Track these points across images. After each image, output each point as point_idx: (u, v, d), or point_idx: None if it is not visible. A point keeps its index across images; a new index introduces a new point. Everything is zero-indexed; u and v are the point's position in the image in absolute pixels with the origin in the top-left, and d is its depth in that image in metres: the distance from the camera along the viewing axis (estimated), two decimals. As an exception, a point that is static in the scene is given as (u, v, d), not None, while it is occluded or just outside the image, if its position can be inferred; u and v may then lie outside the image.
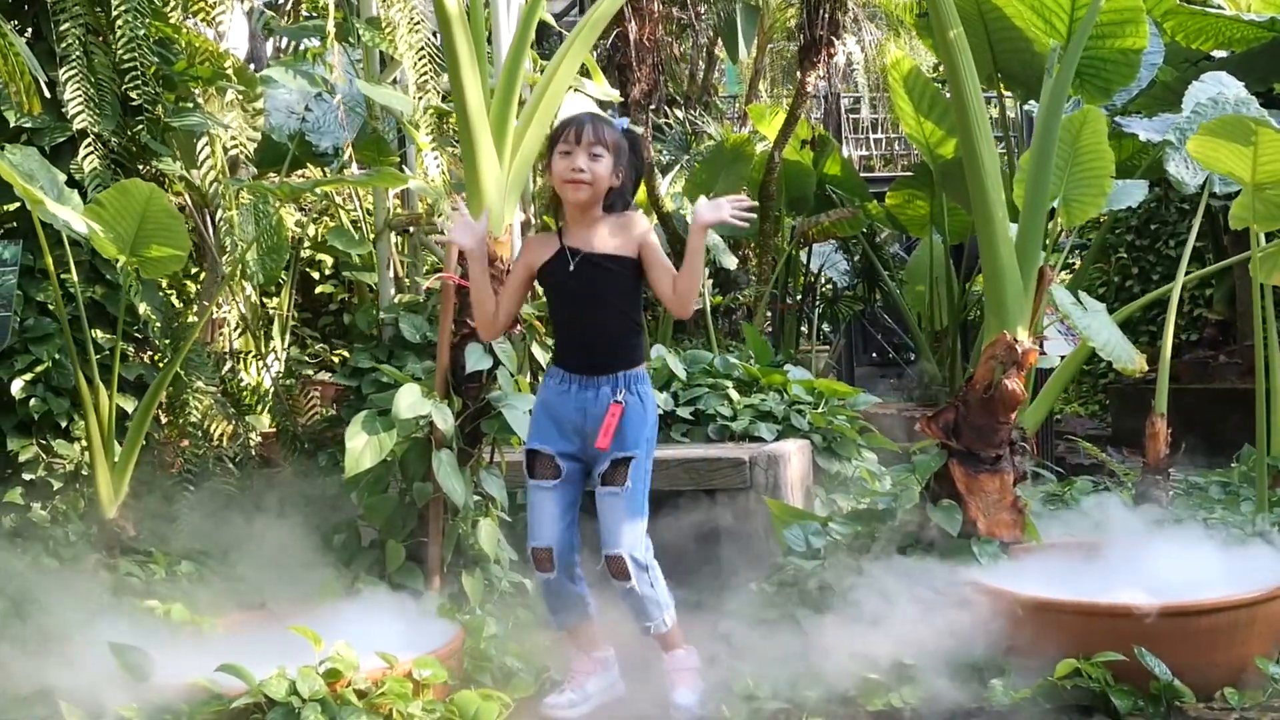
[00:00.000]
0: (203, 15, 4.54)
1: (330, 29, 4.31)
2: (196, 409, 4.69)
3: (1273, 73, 6.46)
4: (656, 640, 3.10)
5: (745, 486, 4.23)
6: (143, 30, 4.16)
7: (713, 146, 8.31)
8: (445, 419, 3.48)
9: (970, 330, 8.38)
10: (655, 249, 3.04)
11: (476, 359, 3.50)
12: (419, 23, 4.29)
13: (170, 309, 4.91)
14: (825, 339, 11.62)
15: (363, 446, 3.42)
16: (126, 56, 4.12)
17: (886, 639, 3.05)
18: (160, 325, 4.31)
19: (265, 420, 5.38)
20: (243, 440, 5.06)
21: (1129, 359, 3.73)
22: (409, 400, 3.40)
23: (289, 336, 6.44)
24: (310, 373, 6.52)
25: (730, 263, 7.77)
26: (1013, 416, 3.53)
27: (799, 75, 8.05)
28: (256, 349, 6.15)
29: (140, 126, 4.23)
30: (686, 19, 9.81)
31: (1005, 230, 3.54)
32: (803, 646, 3.17)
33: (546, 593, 3.11)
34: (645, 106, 7.66)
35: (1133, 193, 5.18)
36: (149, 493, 4.30)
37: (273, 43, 7.93)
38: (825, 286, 10.91)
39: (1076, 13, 5.51)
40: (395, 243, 5.35)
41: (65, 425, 4.14)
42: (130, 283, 3.87)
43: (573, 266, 3.00)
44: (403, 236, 5.50)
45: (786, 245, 8.97)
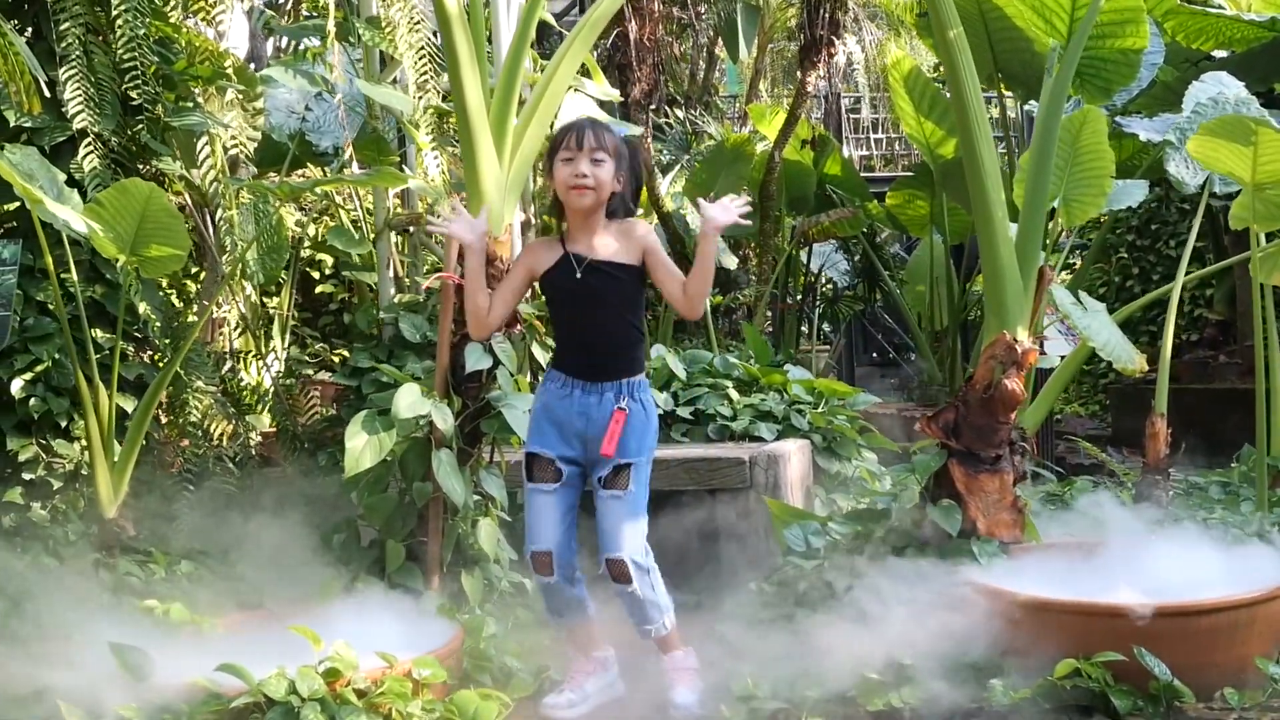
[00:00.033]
0: (203, 15, 4.54)
1: (330, 28, 4.31)
2: (196, 409, 4.69)
3: (1273, 73, 6.46)
4: (656, 643, 3.11)
5: (745, 486, 4.23)
6: (143, 30, 4.16)
7: (713, 146, 8.30)
8: (445, 419, 3.48)
9: (970, 330, 8.38)
10: (660, 254, 3.05)
11: (476, 359, 3.49)
12: (419, 22, 4.29)
13: (170, 308, 4.91)
14: (825, 339, 11.63)
15: (362, 446, 3.43)
16: (126, 56, 4.12)
17: (886, 639, 3.04)
18: (160, 325, 4.32)
19: (265, 420, 5.39)
20: (243, 440, 5.06)
21: (1129, 359, 3.73)
22: (408, 400, 3.40)
23: (289, 336, 6.44)
24: (310, 372, 6.53)
25: (730, 263, 7.76)
26: (1012, 416, 3.53)
27: (799, 75, 8.05)
28: (256, 349, 6.15)
29: (140, 126, 4.23)
30: (687, 19, 9.81)
31: (1005, 230, 3.54)
32: (802, 646, 3.16)
33: (546, 595, 3.12)
34: (645, 106, 7.65)
35: (1133, 193, 5.18)
36: (149, 492, 4.31)
37: (273, 42, 7.94)
38: (825, 286, 10.91)
39: (1077, 12, 5.51)
40: (395, 242, 5.35)
41: (65, 425, 4.14)
42: (130, 282, 3.87)
43: (579, 274, 3.01)
44: (403, 236, 5.50)
45: (787, 245, 8.96)
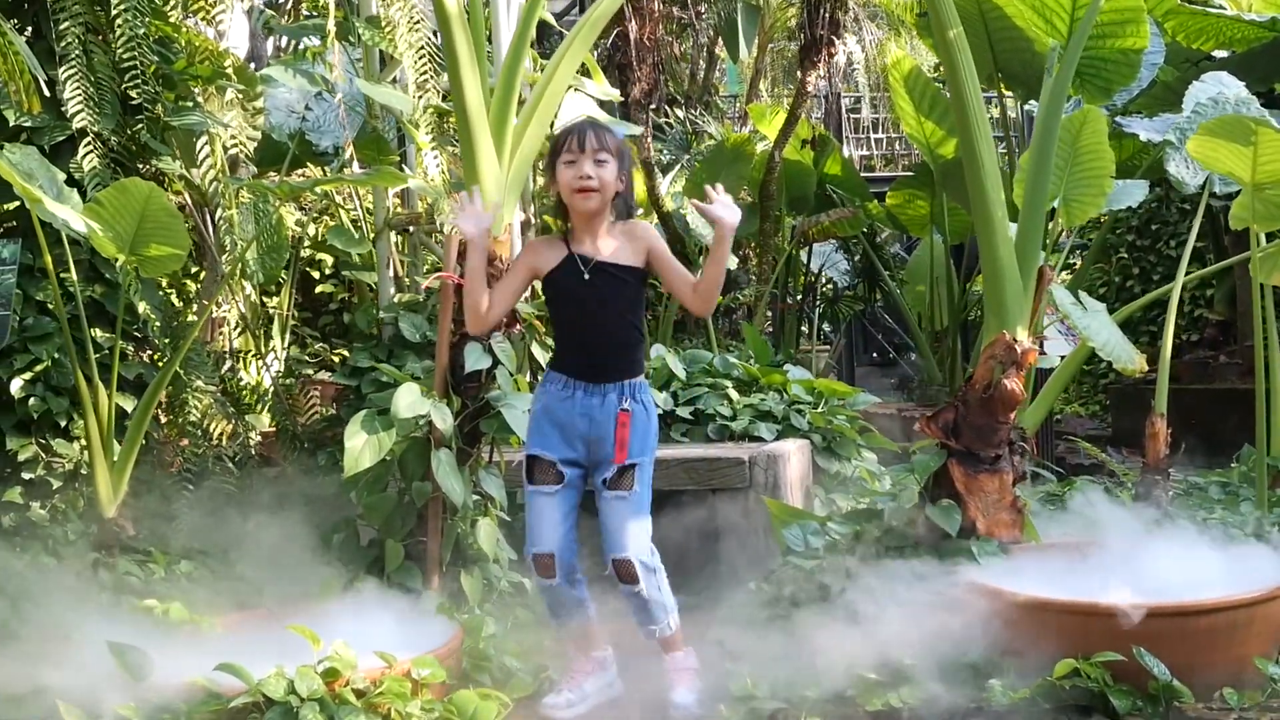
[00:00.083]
0: (203, 14, 4.54)
1: (330, 28, 4.31)
2: (196, 408, 4.69)
3: (1273, 73, 6.46)
4: (659, 643, 3.10)
5: (745, 486, 4.23)
6: (142, 29, 4.16)
7: (713, 146, 8.31)
8: (444, 418, 3.48)
9: (970, 330, 8.38)
10: (666, 255, 3.07)
11: (475, 358, 3.49)
12: (419, 22, 4.29)
13: (170, 308, 4.91)
14: (825, 339, 11.63)
15: (362, 446, 3.43)
16: (126, 55, 4.12)
17: (885, 639, 3.04)
18: (160, 324, 4.31)
19: (265, 419, 5.39)
20: (242, 440, 5.06)
21: (1129, 359, 3.73)
22: (408, 400, 3.40)
23: (289, 336, 6.43)
24: (310, 372, 6.53)
25: (730, 263, 7.75)
26: (1012, 416, 3.53)
27: (799, 75, 8.05)
28: (256, 348, 6.14)
29: (140, 125, 4.23)
30: (687, 18, 9.81)
31: (1005, 230, 3.54)
32: (801, 646, 3.16)
33: (547, 597, 3.11)
34: (645, 106, 7.65)
35: (1133, 193, 5.18)
36: (148, 492, 4.31)
37: (273, 41, 7.94)
38: (825, 286, 10.90)
39: (1077, 12, 5.52)
40: (395, 242, 5.35)
41: (64, 424, 4.15)
42: (130, 282, 3.87)
43: (587, 275, 3.00)
44: (403, 236, 5.50)
45: (787, 245, 8.96)
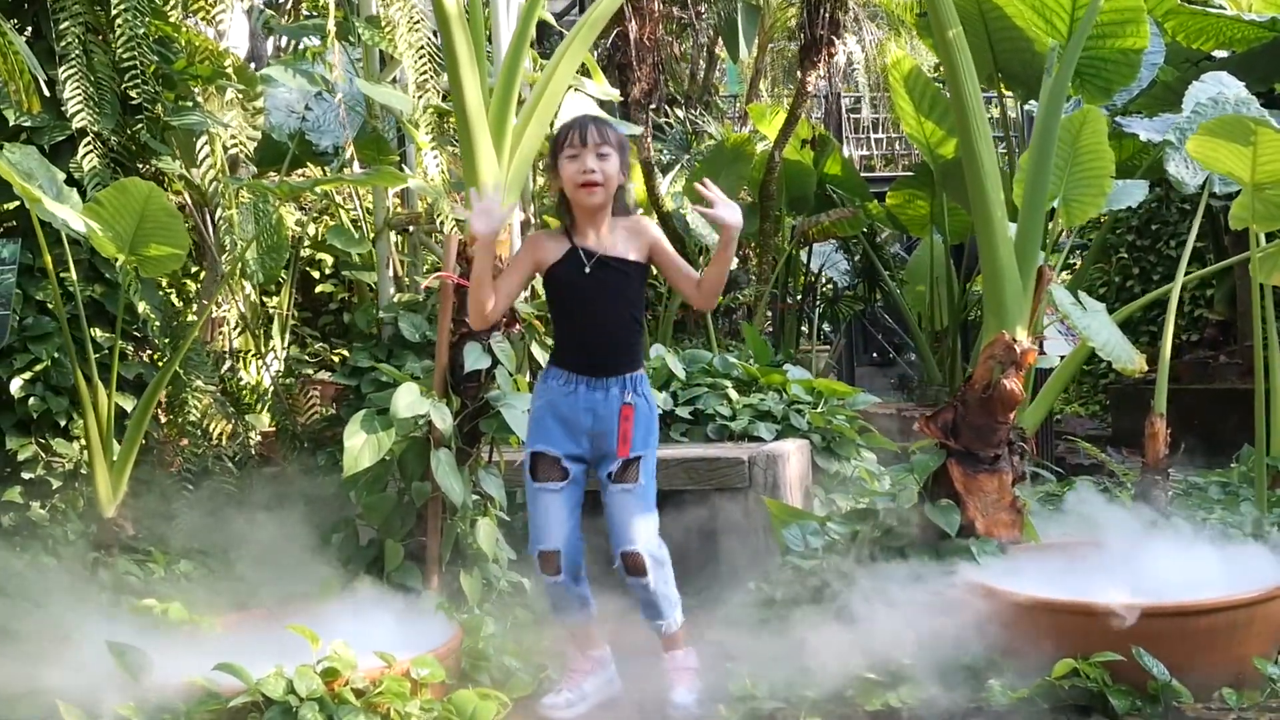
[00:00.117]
0: (202, 14, 4.54)
1: (330, 28, 4.31)
2: (196, 408, 4.70)
3: (1273, 73, 6.46)
4: (662, 640, 3.10)
5: (744, 486, 4.23)
6: (142, 29, 4.16)
7: (713, 146, 8.31)
8: (443, 418, 3.48)
9: (970, 330, 8.38)
10: (669, 251, 3.10)
11: (475, 358, 3.49)
12: (418, 22, 4.29)
13: (169, 308, 4.92)
14: (825, 339, 11.63)
15: (361, 445, 3.43)
16: (126, 55, 4.13)
17: (884, 639, 3.04)
18: (159, 324, 4.32)
19: (265, 419, 5.39)
20: (242, 439, 5.06)
21: (1129, 359, 3.72)
22: (407, 399, 3.40)
23: (289, 335, 6.44)
24: (310, 372, 6.53)
25: (730, 263, 7.75)
26: (1011, 416, 3.53)
27: (799, 75, 8.05)
28: (256, 348, 6.15)
29: (140, 125, 4.23)
30: (687, 18, 9.81)
31: (1004, 230, 3.54)
32: (800, 646, 3.15)
33: (552, 594, 3.10)
34: (645, 106, 7.66)
35: (1133, 193, 5.17)
36: (148, 492, 4.31)
37: (273, 41, 7.95)
38: (825, 286, 10.90)
39: (1077, 12, 5.52)
40: (395, 242, 5.35)
41: (64, 424, 4.15)
42: (129, 281, 3.87)
43: (588, 269, 3.01)
44: (402, 236, 5.50)
45: (787, 245, 8.96)
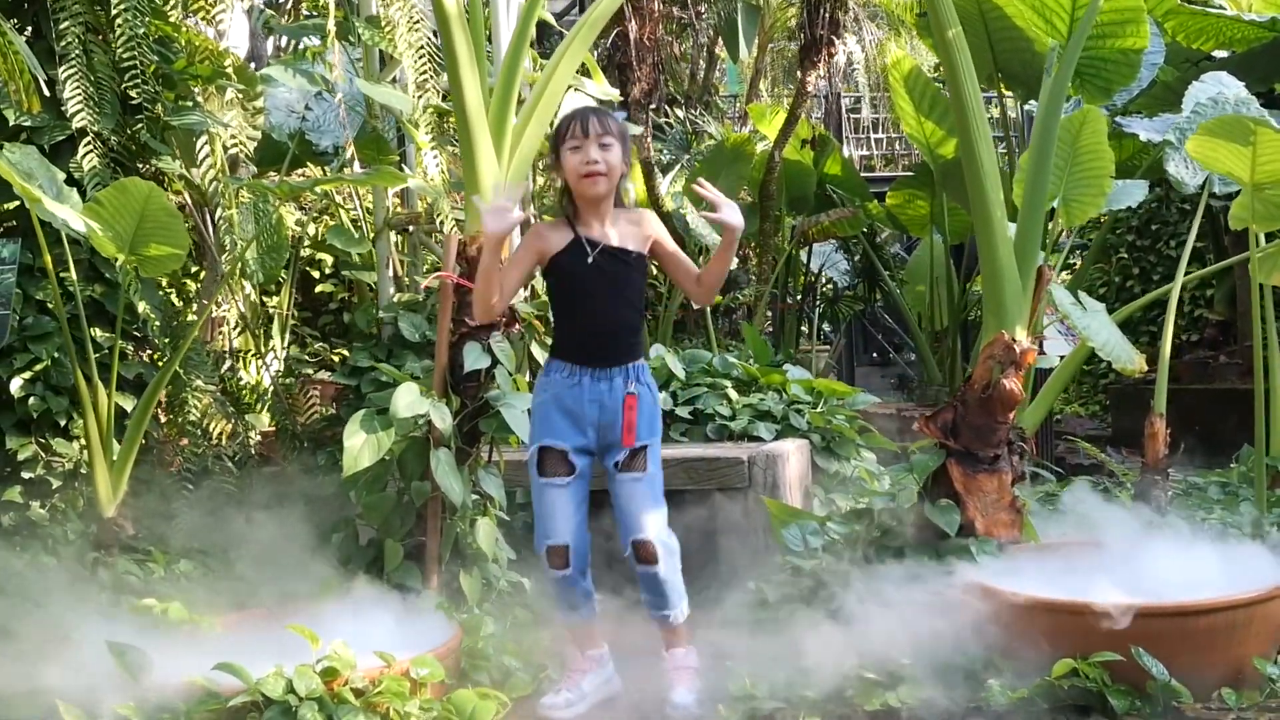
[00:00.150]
0: (203, 14, 4.55)
1: (330, 28, 4.32)
2: (195, 408, 4.70)
3: (1273, 73, 6.46)
4: (664, 634, 3.10)
5: (744, 486, 4.23)
6: (142, 29, 4.16)
7: (713, 146, 8.31)
8: (443, 418, 3.48)
9: (970, 330, 8.38)
10: (670, 244, 3.12)
11: (475, 358, 3.50)
12: (418, 21, 4.29)
13: (169, 308, 4.92)
14: (825, 339, 11.63)
15: (361, 445, 3.43)
16: (126, 55, 4.13)
17: (883, 638, 3.04)
18: (159, 324, 4.32)
19: (265, 419, 5.39)
20: (242, 439, 5.06)
21: (1128, 359, 3.72)
22: (407, 399, 3.40)
23: (288, 335, 6.44)
24: (310, 371, 6.53)
25: (730, 263, 7.75)
26: (1011, 416, 3.53)
27: (799, 75, 8.05)
28: (256, 348, 6.15)
29: (140, 125, 4.24)
30: (687, 18, 9.81)
31: (1004, 230, 3.54)
32: (800, 646, 3.16)
33: (559, 589, 3.09)
34: (645, 106, 7.66)
35: (1133, 193, 5.18)
36: (148, 491, 4.31)
37: (273, 41, 7.95)
38: (825, 286, 10.90)
39: (1077, 12, 5.52)
40: (395, 242, 5.35)
41: (64, 424, 4.15)
42: (129, 281, 3.88)
43: (591, 258, 3.02)
44: (402, 235, 5.50)
45: (786, 245, 8.97)
